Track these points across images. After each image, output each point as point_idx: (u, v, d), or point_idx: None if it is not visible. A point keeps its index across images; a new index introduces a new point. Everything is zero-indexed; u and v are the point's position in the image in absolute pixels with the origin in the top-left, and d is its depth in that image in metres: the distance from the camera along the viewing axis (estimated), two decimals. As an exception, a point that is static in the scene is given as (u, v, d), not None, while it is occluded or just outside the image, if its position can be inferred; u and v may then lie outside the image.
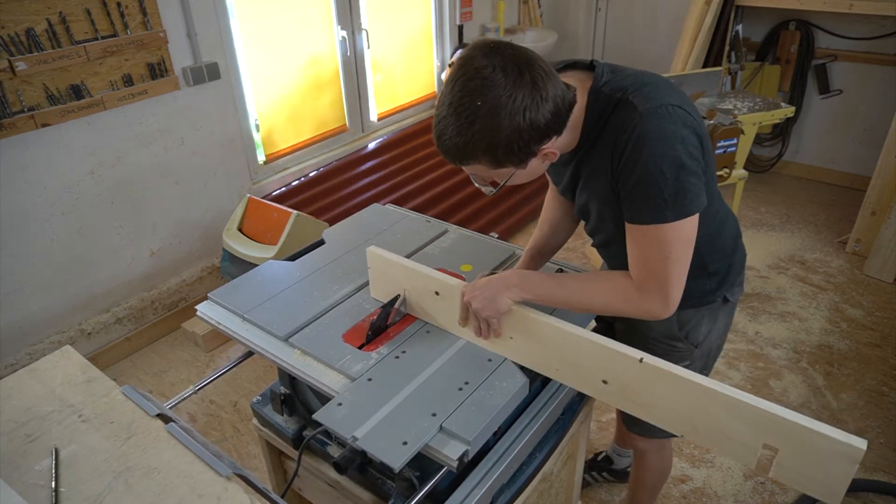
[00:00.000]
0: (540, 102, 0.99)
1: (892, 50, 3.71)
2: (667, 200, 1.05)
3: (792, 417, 0.93)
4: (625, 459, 2.12)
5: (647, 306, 1.12)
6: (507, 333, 1.22)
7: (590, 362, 1.12)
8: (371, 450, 1.04)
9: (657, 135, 1.04)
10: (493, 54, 0.98)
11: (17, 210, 2.36)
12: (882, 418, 2.37)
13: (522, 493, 1.29)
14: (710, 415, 1.00)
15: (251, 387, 2.63)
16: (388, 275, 1.37)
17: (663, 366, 1.03)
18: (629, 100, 1.07)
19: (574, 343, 1.13)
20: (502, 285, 1.17)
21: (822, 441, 0.91)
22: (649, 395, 1.07)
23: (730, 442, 1.00)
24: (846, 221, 3.63)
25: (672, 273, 1.09)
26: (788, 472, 0.96)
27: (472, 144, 1.00)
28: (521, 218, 3.69)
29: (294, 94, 3.31)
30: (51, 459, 1.06)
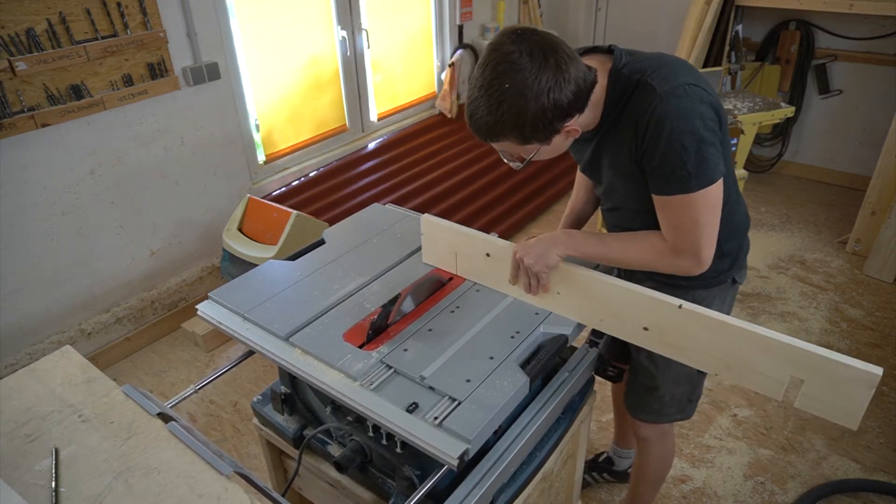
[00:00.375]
0: (563, 84, 1.08)
1: (892, 50, 3.71)
2: (690, 172, 1.14)
3: (818, 351, 1.04)
4: (625, 461, 2.12)
5: (682, 264, 1.24)
6: (555, 289, 1.33)
7: (632, 311, 1.23)
8: (438, 385, 1.15)
9: (676, 113, 1.13)
10: (520, 40, 1.07)
11: (17, 210, 2.36)
12: (882, 418, 2.37)
13: (523, 492, 1.29)
14: (743, 353, 1.11)
15: (251, 387, 2.63)
16: (440, 240, 1.47)
17: (700, 310, 1.14)
18: (648, 81, 1.16)
19: (617, 294, 1.24)
20: (551, 242, 1.28)
21: (843, 370, 1.02)
22: (687, 338, 1.18)
23: (760, 377, 1.11)
24: (846, 221, 3.63)
25: (703, 235, 1.20)
26: (812, 400, 1.07)
27: (500, 123, 1.10)
28: (521, 218, 3.69)
29: (294, 94, 3.31)
30: (51, 459, 1.06)
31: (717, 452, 2.26)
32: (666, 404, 1.57)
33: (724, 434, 2.34)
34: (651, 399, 1.57)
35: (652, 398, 1.57)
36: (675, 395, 1.56)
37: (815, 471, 2.18)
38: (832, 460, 2.22)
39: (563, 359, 1.41)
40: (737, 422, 2.38)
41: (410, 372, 1.20)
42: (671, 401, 1.57)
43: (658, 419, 1.62)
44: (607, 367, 1.52)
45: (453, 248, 1.46)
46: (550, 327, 1.33)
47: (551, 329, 1.33)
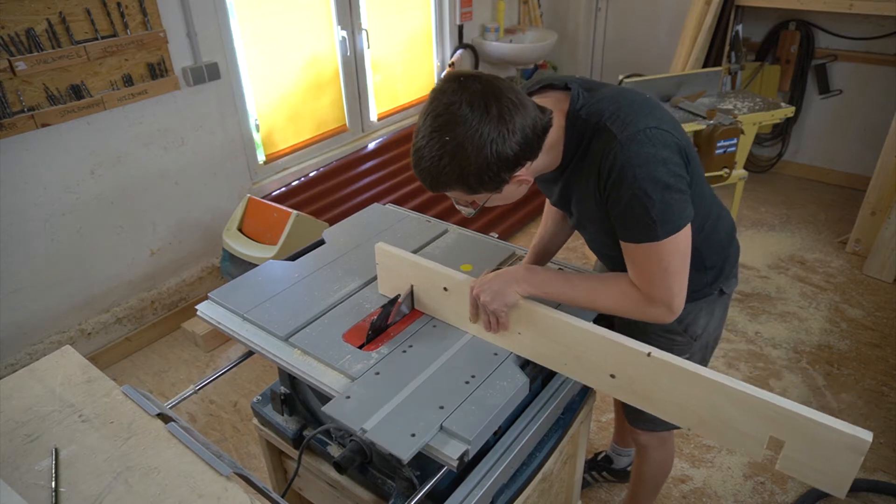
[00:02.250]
0: (507, 135, 1.02)
1: (892, 50, 3.71)
2: (655, 221, 1.09)
3: (798, 410, 0.94)
4: (624, 459, 2.12)
5: (653, 313, 1.17)
6: (515, 328, 1.24)
7: (597, 356, 1.14)
8: (380, 441, 1.05)
9: (637, 160, 1.08)
10: (461, 90, 1.02)
11: (17, 210, 2.36)
12: (882, 418, 2.37)
13: (522, 492, 1.29)
14: (717, 408, 1.02)
15: (251, 387, 2.63)
16: (396, 271, 1.39)
17: (671, 360, 1.05)
18: (607, 127, 1.11)
19: (582, 337, 1.15)
20: (511, 279, 1.20)
21: (827, 433, 0.92)
22: (657, 388, 1.09)
23: (736, 434, 1.02)
24: (846, 221, 3.63)
25: (673, 283, 1.14)
26: (795, 464, 0.98)
27: (444, 175, 1.05)
28: (520, 218, 3.69)
29: (294, 94, 3.31)
30: (51, 459, 1.06)
31: (717, 452, 2.26)
32: None
33: (723, 434, 2.33)
34: None
35: None
36: None
37: (815, 471, 2.18)
38: (832, 460, 2.22)
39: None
40: (737, 422, 2.38)
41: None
42: None
43: (655, 427, 1.60)
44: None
45: (409, 280, 1.37)
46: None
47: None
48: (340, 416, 1.11)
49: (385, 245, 1.38)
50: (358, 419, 1.10)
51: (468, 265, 1.54)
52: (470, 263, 1.55)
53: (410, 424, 1.08)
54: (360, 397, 1.15)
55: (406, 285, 1.38)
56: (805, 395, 2.47)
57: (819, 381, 2.55)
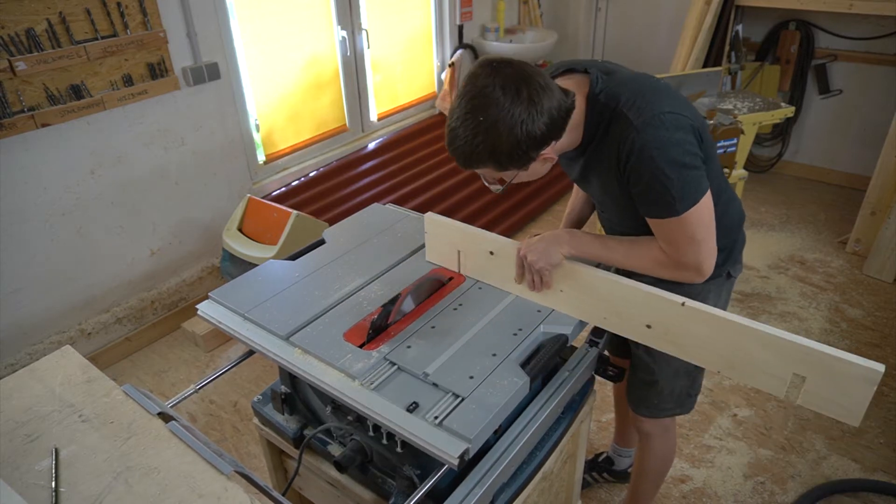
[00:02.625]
0: (536, 116, 1.12)
1: (892, 50, 3.71)
2: (675, 198, 1.18)
3: (819, 347, 1.04)
4: (625, 460, 2.12)
5: (684, 275, 1.27)
6: (558, 286, 1.34)
7: (635, 309, 1.24)
8: (441, 382, 1.15)
9: (654, 144, 1.17)
10: (494, 73, 1.11)
11: (17, 210, 2.36)
12: (882, 418, 2.37)
13: (523, 491, 1.29)
14: (745, 351, 1.12)
15: (251, 387, 2.63)
16: (444, 238, 1.48)
17: (703, 308, 1.15)
18: (624, 113, 1.19)
19: (620, 291, 1.25)
20: (554, 241, 1.31)
21: (845, 366, 1.03)
22: (690, 335, 1.18)
23: (762, 374, 1.12)
24: (846, 221, 3.63)
25: (701, 249, 1.23)
26: (814, 397, 1.08)
27: (476, 153, 1.14)
28: (521, 218, 3.69)
29: (294, 94, 3.31)
30: (51, 459, 1.06)
31: (717, 452, 2.26)
32: (665, 398, 1.59)
33: (724, 434, 2.34)
34: (651, 393, 1.59)
35: (651, 392, 1.58)
36: (674, 389, 1.57)
37: (815, 471, 2.18)
38: (832, 460, 2.22)
39: (563, 358, 1.41)
40: (737, 422, 2.38)
41: (414, 369, 1.20)
42: (670, 395, 1.58)
43: (657, 413, 1.63)
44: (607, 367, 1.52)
45: (456, 247, 1.46)
46: (551, 326, 1.33)
47: (552, 328, 1.33)
48: (404, 363, 1.21)
49: (434, 215, 1.48)
50: (420, 364, 1.20)
51: (468, 265, 1.55)
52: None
53: (468, 368, 1.19)
54: (420, 347, 1.26)
55: (453, 252, 1.47)
56: (805, 394, 2.47)
57: (819, 381, 2.55)
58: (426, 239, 1.52)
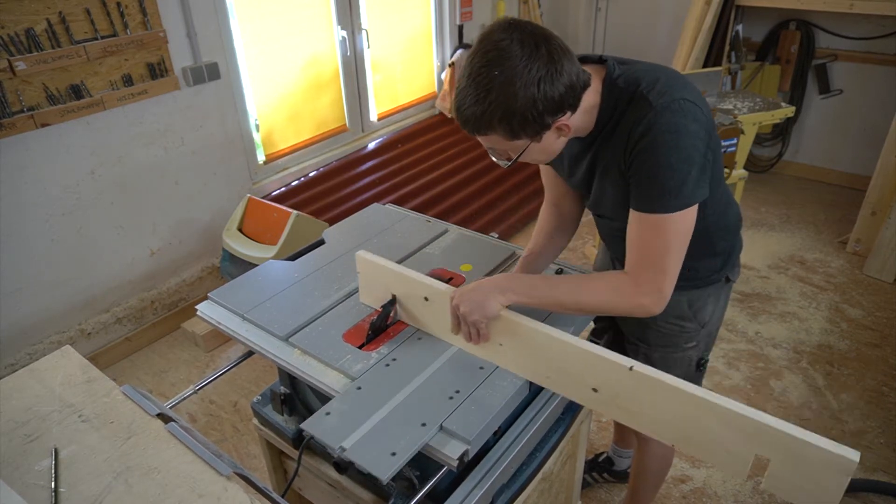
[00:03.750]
0: (555, 75, 1.02)
1: (892, 50, 3.71)
2: (671, 191, 1.10)
3: (784, 428, 0.91)
4: (625, 461, 2.12)
5: (642, 299, 1.14)
6: (497, 339, 1.20)
7: (579, 369, 1.10)
8: (359, 461, 1.02)
9: (668, 128, 1.10)
10: (511, 28, 1.03)
11: (17, 210, 2.36)
12: (882, 418, 2.37)
13: (522, 492, 1.29)
14: (702, 424, 0.99)
15: (251, 387, 2.62)
16: (377, 280, 1.35)
17: (653, 374, 1.02)
18: (644, 95, 1.12)
19: (563, 349, 1.11)
20: (491, 289, 1.16)
21: (813, 452, 0.89)
22: (640, 403, 1.05)
23: (722, 452, 0.99)
24: (846, 221, 3.63)
25: (668, 264, 1.13)
26: (781, 482, 0.95)
27: (488, 113, 1.03)
28: (520, 218, 3.69)
29: (294, 94, 3.31)
30: (51, 459, 1.06)
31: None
32: None
33: (723, 434, 2.33)
34: None
35: None
36: None
37: (815, 471, 2.18)
38: (832, 460, 2.22)
39: (562, 359, 1.41)
40: (737, 422, 2.38)
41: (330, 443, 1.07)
42: None
43: None
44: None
45: (391, 290, 1.33)
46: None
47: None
48: (320, 434, 1.07)
49: (365, 253, 1.35)
50: (338, 437, 1.06)
51: (468, 265, 1.54)
52: (470, 263, 1.55)
53: (392, 442, 1.04)
54: (340, 413, 1.11)
55: (387, 295, 1.34)
56: (805, 395, 2.47)
57: (819, 381, 2.55)
58: (359, 279, 1.39)
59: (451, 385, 1.17)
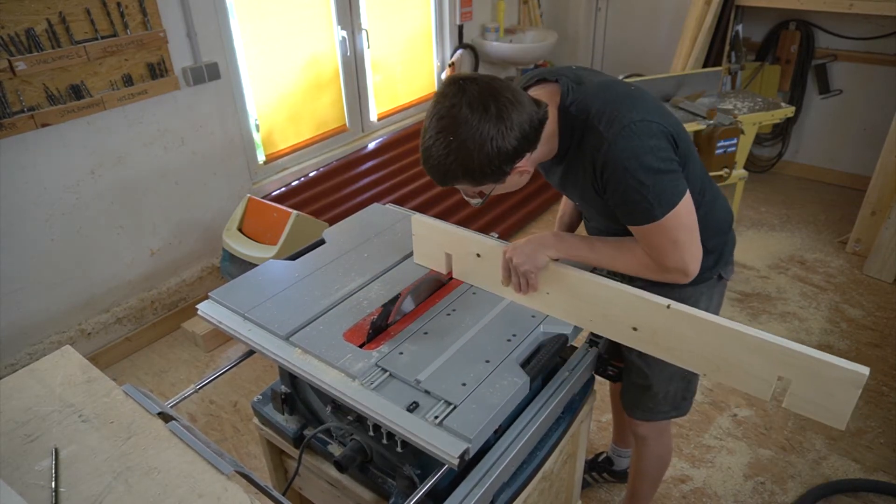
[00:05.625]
0: (505, 132, 1.11)
1: (892, 50, 3.71)
2: (652, 203, 1.17)
3: (804, 350, 1.04)
4: (625, 460, 2.12)
5: (670, 276, 1.26)
6: (544, 289, 1.32)
7: (621, 311, 1.23)
8: (434, 389, 1.14)
9: (626, 154, 1.16)
10: (460, 93, 1.11)
11: (17, 210, 2.36)
12: (882, 418, 2.37)
13: (523, 491, 1.29)
14: (732, 353, 1.11)
15: (251, 387, 2.62)
16: (431, 240, 1.46)
17: (688, 311, 1.14)
18: (595, 126, 1.19)
19: (606, 294, 1.24)
20: (540, 244, 1.29)
21: (829, 369, 1.02)
22: (676, 338, 1.18)
23: (748, 377, 1.11)
24: (846, 221, 3.63)
25: (684, 252, 1.22)
26: (800, 400, 1.08)
27: (451, 171, 1.14)
28: (521, 218, 3.69)
29: (294, 94, 3.31)
30: (51, 459, 1.06)
31: (717, 452, 2.26)
32: (660, 402, 1.58)
33: (724, 434, 2.34)
34: (645, 397, 1.58)
35: (646, 396, 1.58)
36: (669, 393, 1.57)
37: (815, 471, 2.18)
38: (832, 460, 2.22)
39: (563, 358, 1.41)
40: (737, 422, 2.38)
41: (406, 376, 1.19)
42: (665, 398, 1.58)
43: (653, 417, 1.62)
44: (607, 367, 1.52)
45: (444, 249, 1.44)
46: (550, 327, 1.33)
47: (551, 329, 1.33)
48: (396, 369, 1.19)
49: (421, 216, 1.46)
50: (412, 371, 1.19)
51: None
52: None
53: (461, 375, 1.17)
54: (412, 353, 1.24)
55: (441, 254, 1.44)
56: (805, 394, 2.47)
57: (819, 381, 2.54)
58: (414, 241, 1.50)
59: (508, 330, 1.31)
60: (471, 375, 1.19)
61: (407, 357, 1.24)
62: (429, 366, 1.21)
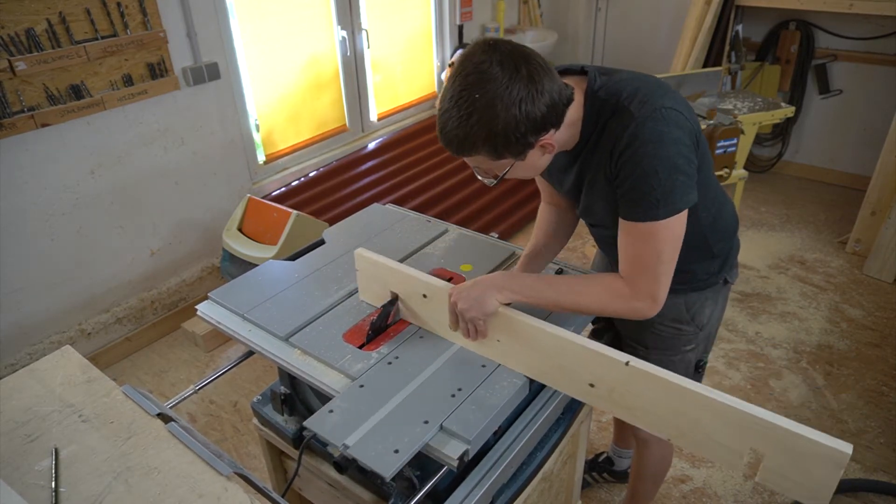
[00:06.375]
0: (536, 95, 1.03)
1: (892, 50, 3.71)
2: (659, 199, 1.11)
3: (777, 421, 0.92)
4: (625, 461, 2.12)
5: (637, 304, 1.16)
6: (495, 336, 1.21)
7: (576, 365, 1.12)
8: (362, 458, 1.02)
9: (652, 137, 1.10)
10: (491, 50, 1.03)
11: (17, 210, 2.36)
12: (882, 418, 2.37)
13: (523, 492, 1.29)
14: (697, 418, 1.00)
15: (251, 387, 2.63)
16: (376, 277, 1.36)
17: (649, 369, 1.03)
18: (626, 106, 1.13)
19: (560, 345, 1.12)
20: (489, 286, 1.17)
21: (807, 445, 0.90)
22: (636, 398, 1.06)
23: (716, 446, 1.00)
24: (846, 221, 3.63)
25: (662, 271, 1.15)
26: (775, 476, 0.96)
27: (471, 136, 1.05)
28: (521, 218, 3.69)
29: (294, 94, 3.31)
30: (51, 459, 1.06)
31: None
32: None
33: (723, 434, 2.33)
34: None
35: None
36: None
37: (815, 471, 2.18)
38: (832, 460, 2.22)
39: (562, 359, 1.41)
40: (737, 422, 2.38)
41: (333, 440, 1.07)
42: None
43: None
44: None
45: (390, 287, 1.34)
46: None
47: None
48: (323, 431, 1.08)
49: (364, 251, 1.35)
50: (341, 434, 1.06)
51: (468, 265, 1.54)
52: (470, 263, 1.55)
53: (394, 440, 1.05)
54: (343, 411, 1.12)
55: (386, 293, 1.34)
56: (805, 395, 2.47)
57: (819, 381, 2.55)
58: (358, 277, 1.40)
59: (453, 383, 1.18)
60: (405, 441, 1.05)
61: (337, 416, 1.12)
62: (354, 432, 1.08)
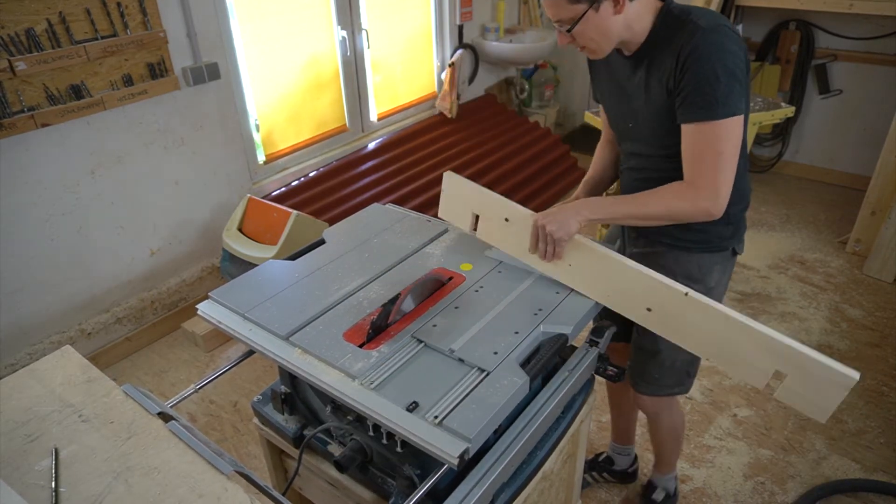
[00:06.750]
0: None
1: (892, 50, 3.71)
2: (718, 100, 1.24)
3: (806, 350, 1.11)
4: (625, 459, 2.12)
5: (702, 203, 1.31)
6: (567, 261, 1.38)
7: (638, 291, 1.29)
8: (468, 358, 1.20)
9: (715, 47, 1.25)
10: None
11: (17, 210, 2.36)
12: (882, 418, 2.37)
13: (523, 491, 1.29)
14: (736, 343, 1.19)
15: (251, 387, 2.63)
16: (460, 198, 1.50)
17: (705, 300, 1.21)
18: (694, 21, 1.28)
19: (627, 273, 1.30)
20: (573, 210, 1.35)
21: (824, 370, 1.10)
22: (687, 324, 1.24)
23: (746, 367, 1.19)
24: (846, 221, 3.63)
25: (722, 169, 1.29)
26: (791, 393, 1.16)
27: None
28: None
29: (294, 94, 3.31)
30: (51, 459, 1.06)
31: (717, 452, 2.26)
32: (665, 372, 1.61)
33: (724, 434, 2.34)
34: (651, 365, 1.61)
35: (652, 364, 1.61)
36: (675, 362, 1.60)
37: (815, 471, 2.18)
38: (832, 460, 2.22)
39: (562, 358, 1.41)
40: (737, 422, 2.38)
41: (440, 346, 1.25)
42: (671, 368, 1.60)
43: (658, 391, 1.66)
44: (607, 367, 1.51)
45: (472, 209, 1.48)
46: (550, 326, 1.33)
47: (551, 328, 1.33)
48: (430, 340, 1.25)
49: (453, 174, 1.50)
50: (446, 341, 1.25)
51: (468, 265, 1.54)
52: (470, 263, 1.55)
53: (492, 345, 1.23)
54: (445, 325, 1.30)
55: (467, 213, 1.49)
56: (805, 394, 2.47)
57: (819, 381, 2.55)
58: (442, 196, 1.52)
59: (534, 304, 1.37)
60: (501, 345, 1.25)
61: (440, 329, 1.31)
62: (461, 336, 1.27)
